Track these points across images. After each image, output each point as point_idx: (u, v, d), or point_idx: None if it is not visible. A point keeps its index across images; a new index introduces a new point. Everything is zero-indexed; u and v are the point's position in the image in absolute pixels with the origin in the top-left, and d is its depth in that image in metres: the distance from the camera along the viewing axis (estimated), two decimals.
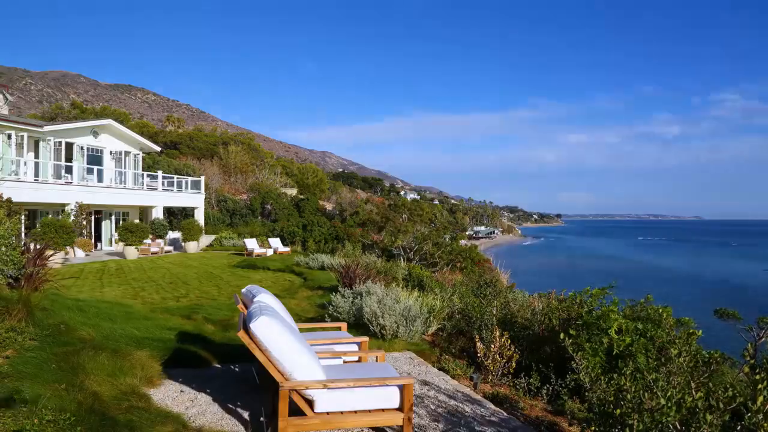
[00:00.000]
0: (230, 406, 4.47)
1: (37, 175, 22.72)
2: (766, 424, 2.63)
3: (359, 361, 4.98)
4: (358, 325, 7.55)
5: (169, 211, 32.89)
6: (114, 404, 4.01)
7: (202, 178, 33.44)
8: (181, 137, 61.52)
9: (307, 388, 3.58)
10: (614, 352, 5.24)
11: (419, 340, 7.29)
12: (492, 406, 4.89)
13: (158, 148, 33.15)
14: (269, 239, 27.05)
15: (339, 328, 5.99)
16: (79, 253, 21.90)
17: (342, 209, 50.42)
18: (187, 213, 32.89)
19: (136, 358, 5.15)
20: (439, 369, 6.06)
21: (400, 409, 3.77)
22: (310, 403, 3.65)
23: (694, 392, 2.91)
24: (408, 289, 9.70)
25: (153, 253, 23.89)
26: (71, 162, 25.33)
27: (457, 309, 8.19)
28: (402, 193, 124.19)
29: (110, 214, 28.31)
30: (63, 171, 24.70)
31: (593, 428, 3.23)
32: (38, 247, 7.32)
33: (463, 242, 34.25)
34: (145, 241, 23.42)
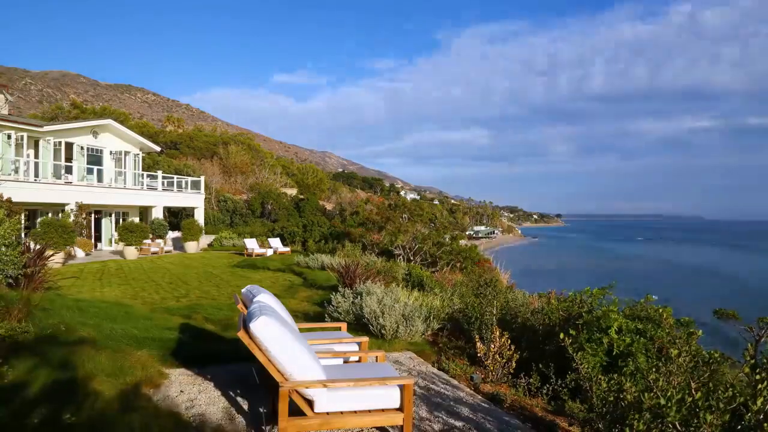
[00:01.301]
0: (230, 405, 4.47)
1: (37, 174, 22.71)
2: (766, 425, 2.63)
3: (359, 361, 4.97)
4: (358, 325, 7.55)
5: (169, 211, 32.88)
6: (114, 404, 4.01)
7: (202, 178, 33.43)
8: (181, 137, 61.53)
9: (307, 388, 3.58)
10: (614, 352, 5.24)
11: (419, 340, 7.29)
12: (492, 406, 4.90)
13: (158, 148, 33.12)
14: (269, 239, 27.07)
15: (339, 328, 5.99)
16: (79, 253, 21.90)
17: (342, 209, 50.36)
18: (187, 213, 32.89)
19: (136, 358, 5.16)
20: (439, 369, 6.06)
21: (401, 409, 3.77)
22: (310, 403, 3.65)
23: (694, 392, 2.90)
24: (408, 289, 9.72)
25: (153, 253, 23.90)
26: (71, 162, 25.32)
27: (457, 309, 8.19)
28: (402, 193, 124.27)
29: (110, 214, 28.30)
30: (63, 171, 24.69)
31: (594, 427, 3.23)
32: (38, 247, 7.34)
33: (463, 242, 34.21)
34: (145, 241, 23.44)
